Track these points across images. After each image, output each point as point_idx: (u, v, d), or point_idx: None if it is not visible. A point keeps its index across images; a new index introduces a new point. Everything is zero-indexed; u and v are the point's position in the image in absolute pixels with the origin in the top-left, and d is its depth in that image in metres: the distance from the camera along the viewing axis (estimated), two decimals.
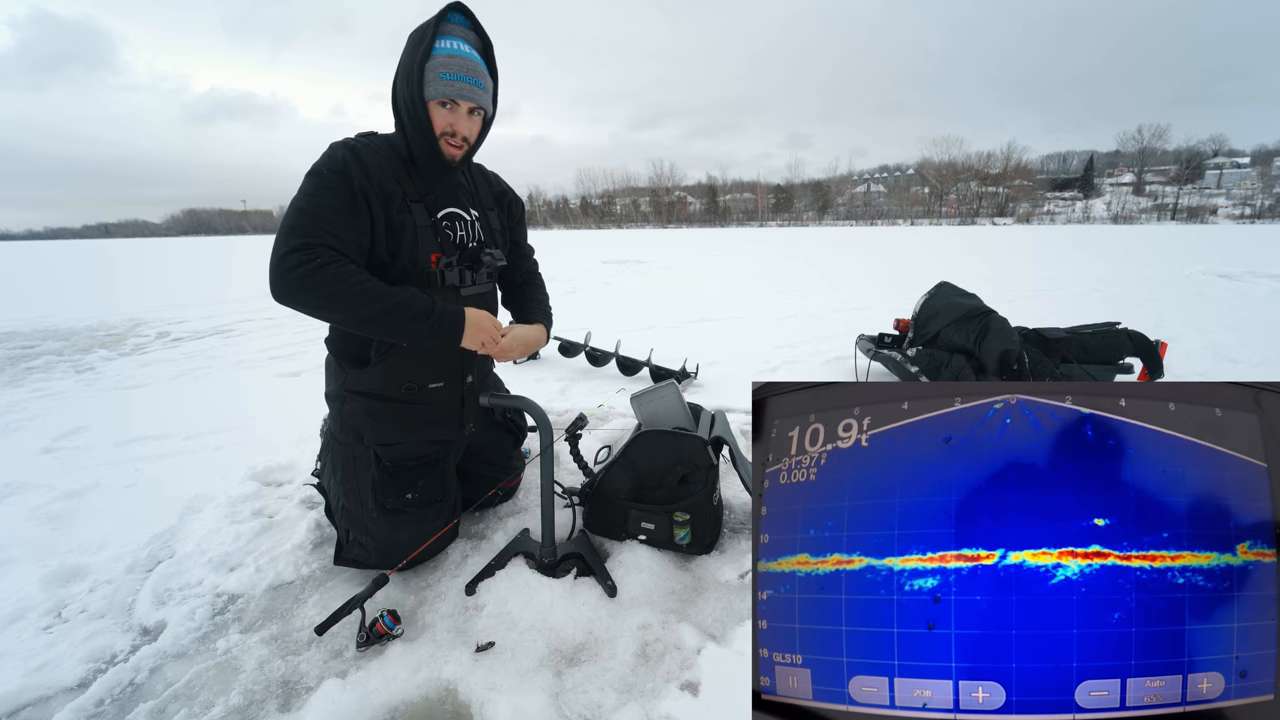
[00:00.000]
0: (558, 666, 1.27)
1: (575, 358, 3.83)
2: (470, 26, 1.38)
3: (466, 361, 1.57)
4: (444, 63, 1.31)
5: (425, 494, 1.56)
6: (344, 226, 1.28)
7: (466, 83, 1.35)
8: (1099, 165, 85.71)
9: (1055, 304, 6.20)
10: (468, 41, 1.36)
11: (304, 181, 1.31)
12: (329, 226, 1.26)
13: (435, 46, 1.31)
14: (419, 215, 1.40)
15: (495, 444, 1.89)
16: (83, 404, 3.34)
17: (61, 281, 11.81)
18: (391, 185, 1.36)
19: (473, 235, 1.54)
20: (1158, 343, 2.95)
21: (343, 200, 1.28)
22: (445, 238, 1.47)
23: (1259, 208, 61.59)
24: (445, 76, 1.32)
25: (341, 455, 1.54)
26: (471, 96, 1.37)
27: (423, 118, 1.36)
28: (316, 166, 1.32)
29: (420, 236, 1.40)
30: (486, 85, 1.40)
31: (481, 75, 1.38)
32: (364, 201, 1.31)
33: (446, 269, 1.45)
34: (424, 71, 1.31)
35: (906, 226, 59.20)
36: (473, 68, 1.35)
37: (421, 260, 1.41)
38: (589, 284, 9.32)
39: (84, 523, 1.93)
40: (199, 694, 1.22)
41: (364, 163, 1.32)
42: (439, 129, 1.38)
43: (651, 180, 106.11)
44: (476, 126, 1.44)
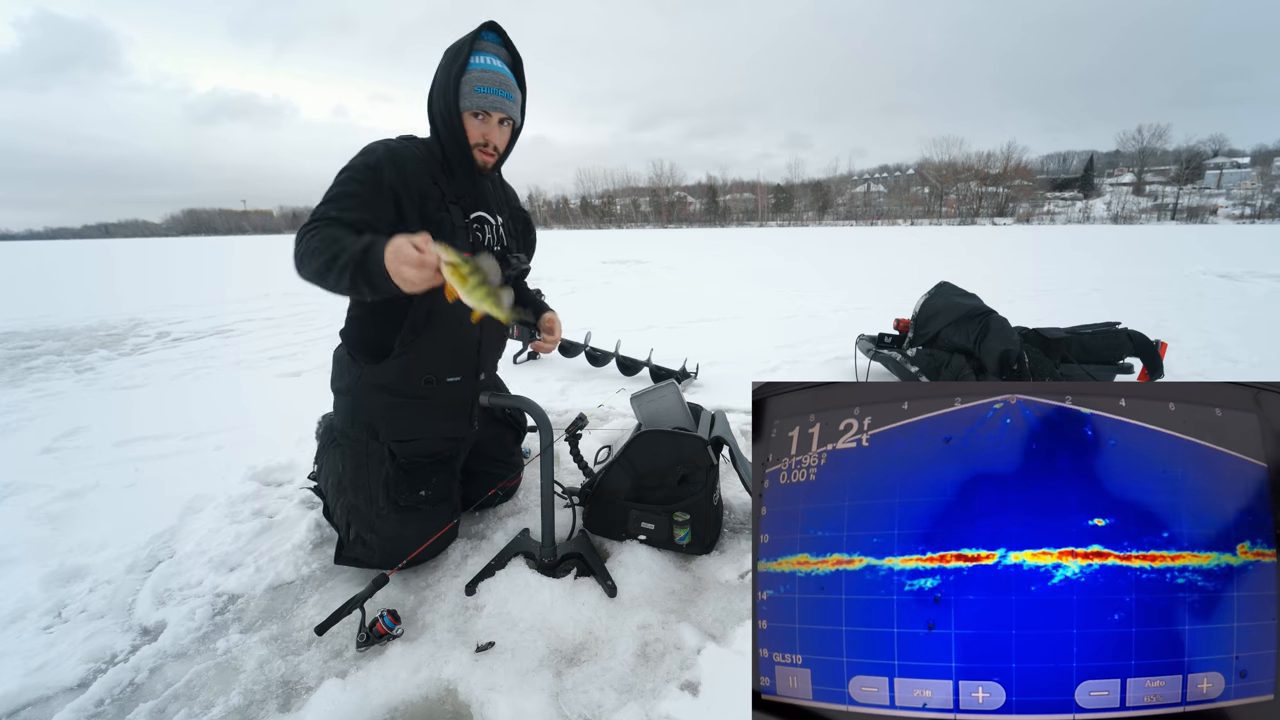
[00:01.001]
0: (558, 666, 1.27)
1: (575, 358, 3.83)
2: (502, 43, 1.47)
3: (482, 356, 1.63)
4: (479, 77, 1.40)
5: (437, 491, 1.60)
6: (360, 209, 1.30)
7: (499, 95, 1.43)
8: (1099, 165, 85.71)
9: (1055, 304, 6.20)
10: (499, 57, 1.45)
11: (339, 173, 1.36)
12: (343, 207, 1.29)
13: (470, 62, 1.39)
14: (455, 216, 1.47)
15: (497, 439, 1.92)
16: (83, 404, 3.34)
17: (61, 281, 11.81)
18: (428, 185, 1.41)
19: (498, 239, 1.61)
20: (1158, 343, 2.95)
21: (367, 189, 1.32)
22: (476, 239, 1.54)
23: (1259, 208, 61.60)
24: (480, 90, 1.40)
25: (351, 451, 1.56)
26: (503, 108, 1.45)
27: (458, 128, 1.43)
28: (352, 161, 1.37)
29: (456, 236, 1.45)
30: (516, 98, 1.48)
31: (512, 88, 1.46)
32: (391, 195, 1.35)
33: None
34: (460, 85, 1.40)
35: (906, 226, 59.20)
36: (505, 82, 1.44)
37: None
38: (589, 284, 9.32)
39: (84, 523, 1.93)
40: (199, 694, 1.22)
41: (399, 161, 1.37)
42: (473, 139, 1.45)
43: (651, 180, 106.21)
44: (506, 136, 1.53)
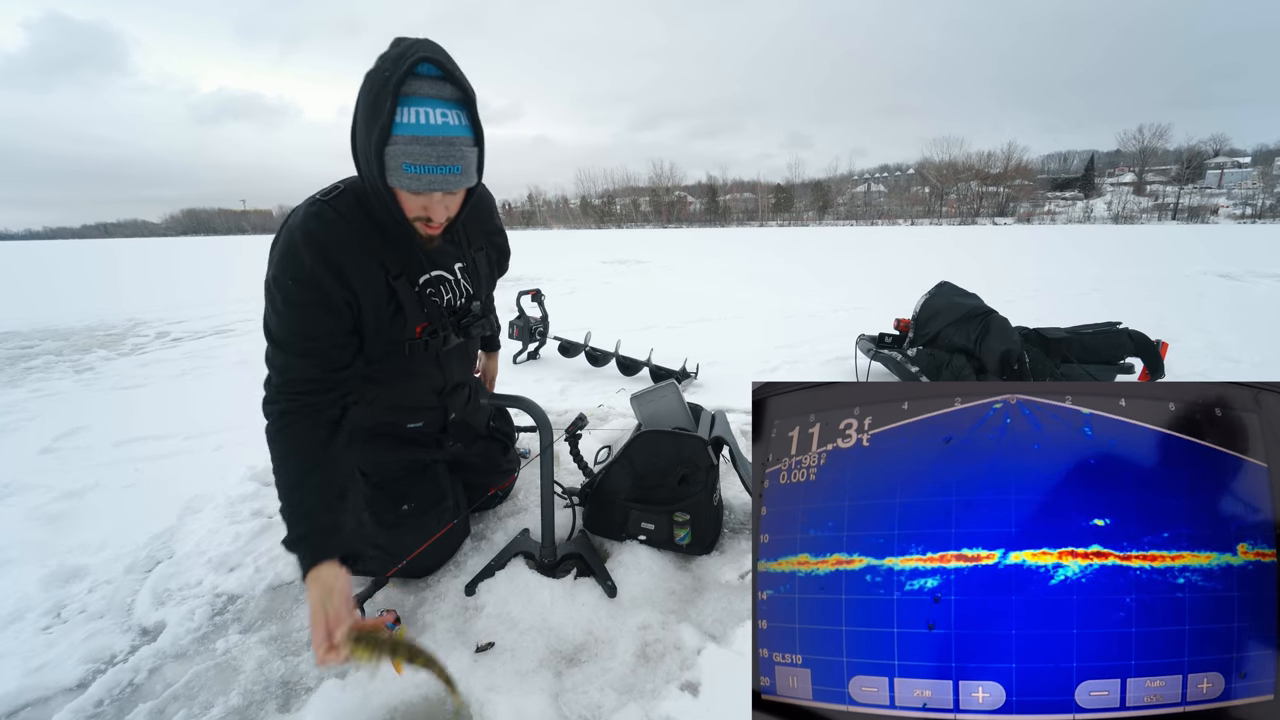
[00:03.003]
0: (558, 667, 1.27)
1: (575, 358, 3.83)
2: (444, 77, 1.02)
3: (451, 402, 1.54)
4: (406, 150, 1.01)
5: (422, 501, 1.55)
6: (319, 346, 1.14)
7: (437, 174, 1.05)
8: (1100, 165, 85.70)
9: (1055, 304, 6.20)
10: (441, 99, 1.02)
11: (270, 290, 1.14)
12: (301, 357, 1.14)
13: (396, 121, 0.99)
14: (403, 291, 1.24)
15: (484, 455, 1.84)
16: (82, 404, 3.34)
17: (61, 281, 11.81)
18: (369, 265, 1.17)
19: (460, 293, 1.40)
20: (1158, 343, 2.94)
21: (314, 314, 1.12)
22: (432, 306, 1.32)
23: (1260, 207, 61.56)
24: (410, 169, 1.03)
25: None
26: (445, 186, 1.08)
27: (389, 201, 1.10)
28: (279, 275, 1.12)
29: (408, 311, 1.27)
30: (468, 162, 1.08)
31: (458, 154, 1.05)
32: (340, 303, 1.14)
33: (431, 337, 1.34)
34: (384, 156, 1.02)
35: (907, 226, 59.21)
36: (445, 151, 1.03)
37: (407, 333, 1.29)
38: (589, 284, 9.32)
39: (83, 523, 1.93)
40: (198, 694, 1.22)
41: (329, 256, 1.11)
42: (410, 213, 1.13)
43: (651, 180, 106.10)
44: (457, 202, 1.18)
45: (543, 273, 11.37)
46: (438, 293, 1.34)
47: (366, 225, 1.18)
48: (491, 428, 1.90)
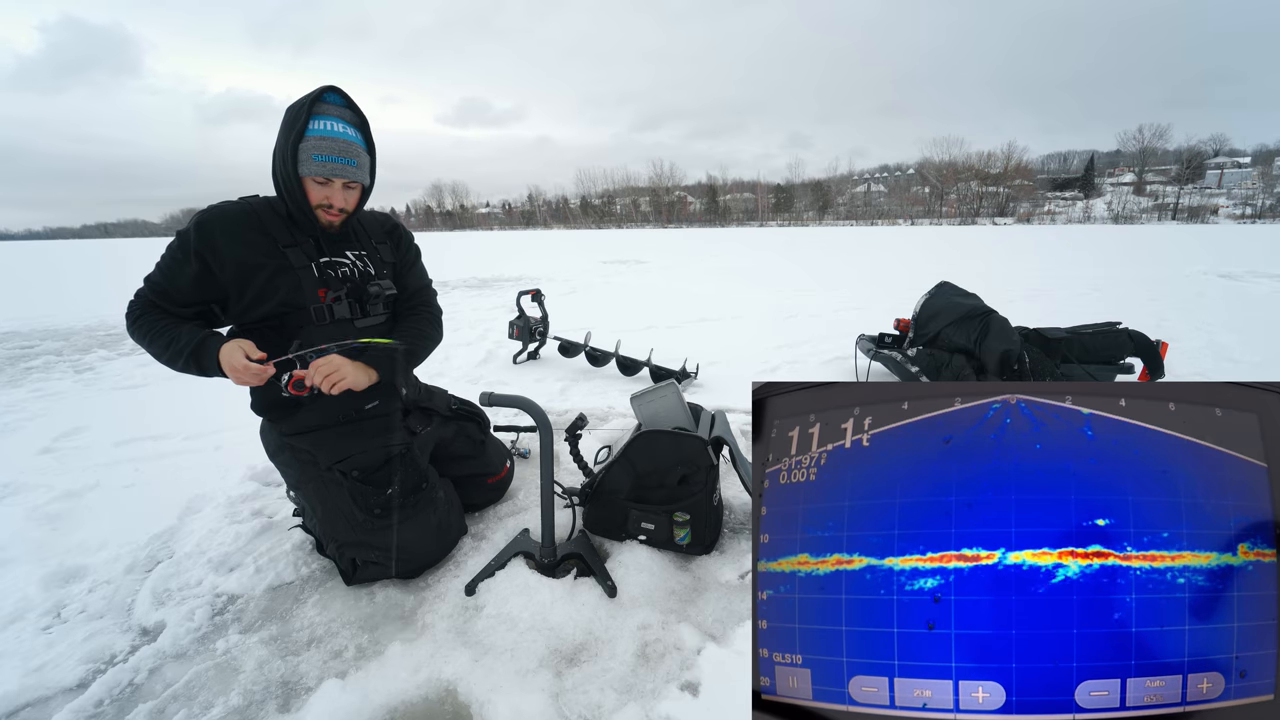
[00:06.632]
0: (558, 667, 1.27)
1: (575, 358, 3.83)
2: (345, 104, 1.45)
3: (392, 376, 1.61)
4: (316, 145, 1.39)
5: (405, 483, 1.59)
6: (171, 284, 1.42)
7: (338, 163, 1.42)
8: (1099, 165, 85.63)
9: (1055, 304, 6.21)
10: (343, 119, 1.43)
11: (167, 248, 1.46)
12: (156, 285, 1.43)
13: (309, 127, 1.39)
14: (295, 257, 1.48)
15: (461, 434, 1.91)
16: (82, 404, 3.34)
17: (61, 281, 11.80)
18: (254, 237, 1.44)
19: (359, 270, 1.61)
20: (1158, 343, 2.94)
21: (175, 260, 1.41)
22: (329, 276, 1.54)
23: (1260, 208, 61.52)
24: (318, 158, 1.40)
25: (315, 490, 1.57)
26: (344, 174, 1.44)
27: (297, 192, 1.44)
28: (173, 240, 1.45)
29: (302, 276, 1.48)
30: (362, 161, 1.47)
31: (355, 153, 1.45)
32: (196, 260, 1.40)
33: (335, 303, 1.53)
34: (298, 151, 1.40)
35: (907, 226, 59.20)
36: (345, 148, 1.43)
37: (309, 297, 1.49)
38: (588, 284, 9.32)
39: (83, 523, 1.94)
40: (198, 694, 1.22)
41: (206, 229, 1.41)
42: (314, 201, 1.46)
43: (651, 180, 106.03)
44: (354, 198, 1.53)
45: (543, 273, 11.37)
46: (334, 266, 1.57)
47: (264, 211, 1.48)
48: (455, 409, 1.94)
